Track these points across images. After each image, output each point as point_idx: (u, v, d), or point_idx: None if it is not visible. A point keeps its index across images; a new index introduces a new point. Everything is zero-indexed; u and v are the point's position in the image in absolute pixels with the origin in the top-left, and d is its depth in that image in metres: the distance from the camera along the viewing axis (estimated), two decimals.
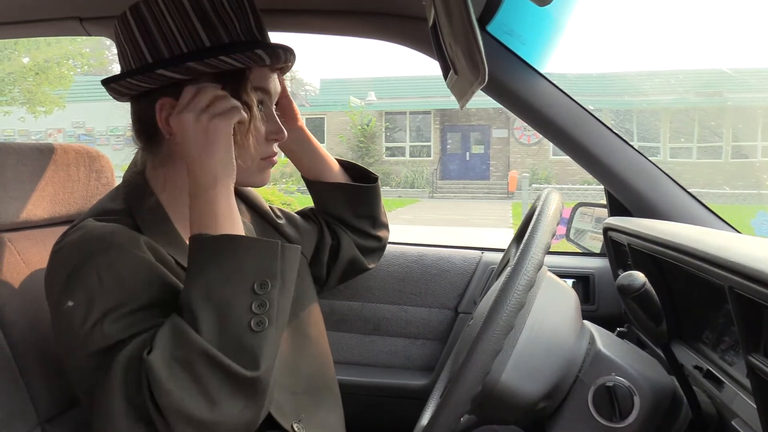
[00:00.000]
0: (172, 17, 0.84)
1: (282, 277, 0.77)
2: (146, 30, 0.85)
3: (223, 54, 0.83)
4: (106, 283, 0.77)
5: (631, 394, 0.85)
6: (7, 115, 15.55)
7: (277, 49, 0.87)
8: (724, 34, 40.02)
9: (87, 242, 0.81)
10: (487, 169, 21.14)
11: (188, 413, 0.70)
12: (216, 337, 0.72)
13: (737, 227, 1.29)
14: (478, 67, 0.71)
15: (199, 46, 0.84)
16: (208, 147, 0.81)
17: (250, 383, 0.73)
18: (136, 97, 0.89)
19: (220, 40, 0.85)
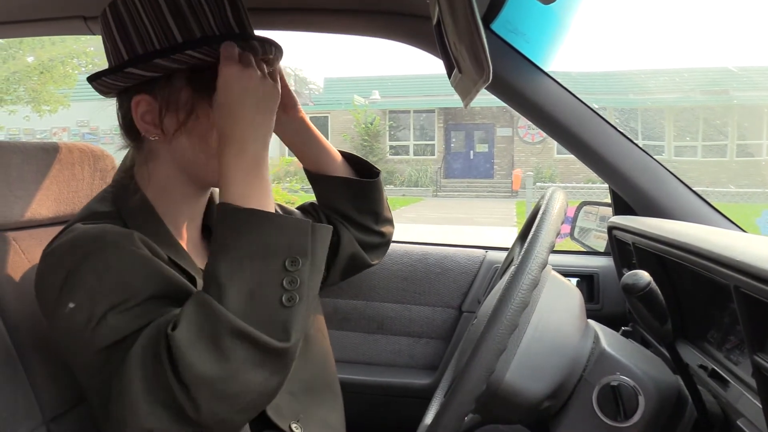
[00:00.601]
0: (147, 14, 0.83)
1: (312, 255, 0.77)
2: (123, 28, 0.84)
3: (191, 48, 0.81)
4: (106, 282, 0.77)
5: (636, 393, 0.84)
6: (12, 114, 15.58)
7: (251, 41, 0.85)
8: (729, 32, 39.89)
9: (81, 244, 0.80)
10: (491, 167, 21.12)
11: (210, 383, 0.70)
12: (244, 311, 0.72)
13: (742, 226, 1.29)
14: (483, 65, 0.71)
15: (171, 43, 0.83)
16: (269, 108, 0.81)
17: (279, 354, 0.73)
18: (118, 94, 0.89)
19: (192, 36, 0.83)
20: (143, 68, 0.82)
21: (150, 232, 0.86)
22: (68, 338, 0.80)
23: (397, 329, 1.64)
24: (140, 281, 0.78)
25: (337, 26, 1.38)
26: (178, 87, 0.85)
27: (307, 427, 0.99)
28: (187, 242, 0.95)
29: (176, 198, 0.92)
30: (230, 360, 0.71)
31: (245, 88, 0.80)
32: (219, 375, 0.70)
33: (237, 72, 0.80)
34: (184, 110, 0.85)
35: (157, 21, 0.83)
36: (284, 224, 0.76)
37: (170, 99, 0.85)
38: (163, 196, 0.91)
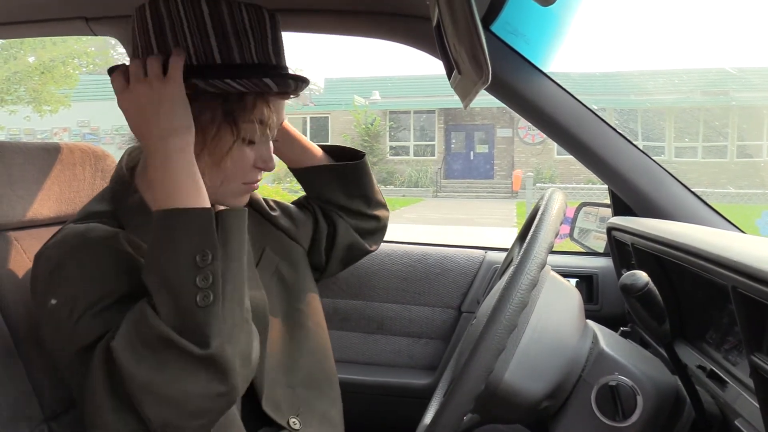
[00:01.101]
0: (189, 25, 0.81)
1: (224, 247, 0.75)
2: (161, 30, 0.82)
3: (230, 77, 0.80)
4: (85, 277, 0.77)
5: (634, 393, 0.85)
6: (13, 114, 15.58)
7: (287, 79, 0.85)
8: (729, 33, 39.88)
9: (66, 241, 0.81)
10: (491, 168, 21.11)
11: (153, 391, 0.71)
12: (172, 317, 0.72)
13: (742, 227, 1.29)
14: (482, 67, 0.72)
15: (209, 62, 0.81)
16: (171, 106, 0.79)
17: (205, 360, 0.71)
18: None
19: (231, 59, 0.82)
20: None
21: (145, 231, 0.85)
22: (51, 335, 0.81)
23: (396, 329, 1.64)
24: (117, 280, 0.78)
25: (337, 27, 1.38)
26: (206, 106, 0.83)
27: (307, 421, 0.99)
28: None
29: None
30: (167, 367, 0.71)
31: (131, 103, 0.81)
32: (158, 382, 0.71)
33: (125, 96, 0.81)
34: (209, 130, 0.84)
35: (198, 35, 0.81)
36: (187, 218, 0.74)
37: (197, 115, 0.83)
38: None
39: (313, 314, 1.10)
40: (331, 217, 1.17)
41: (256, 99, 0.84)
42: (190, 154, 0.80)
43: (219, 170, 0.86)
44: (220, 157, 0.85)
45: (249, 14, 0.83)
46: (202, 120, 0.83)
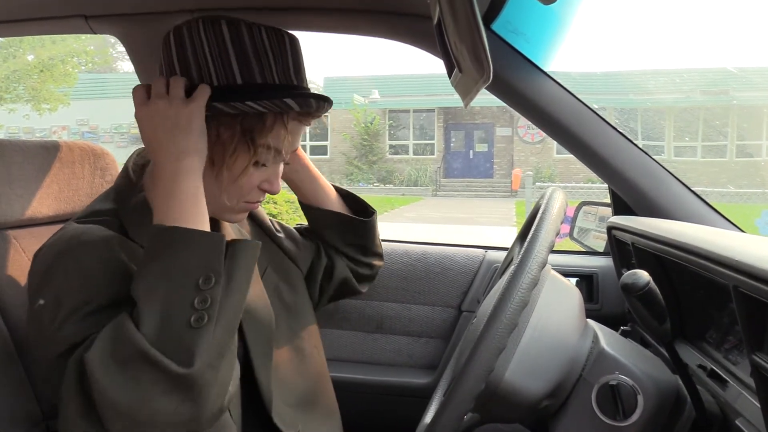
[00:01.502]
0: (209, 46, 0.83)
1: (228, 274, 0.75)
2: (183, 53, 0.84)
3: (251, 99, 0.81)
4: (72, 280, 0.77)
5: (635, 392, 0.85)
6: (12, 112, 15.57)
7: (308, 99, 0.85)
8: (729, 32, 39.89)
9: (59, 243, 0.81)
10: (490, 167, 21.12)
11: (121, 410, 0.70)
12: (156, 333, 0.71)
13: (741, 227, 1.29)
14: (483, 65, 0.71)
15: (230, 82, 0.83)
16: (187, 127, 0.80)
17: (183, 380, 0.70)
18: None
19: (252, 80, 0.83)
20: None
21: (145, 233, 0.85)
22: (36, 335, 0.80)
23: (396, 328, 1.64)
24: (104, 282, 0.77)
25: (337, 26, 1.38)
26: (225, 125, 0.84)
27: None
28: None
29: None
30: (139, 385, 0.70)
31: (149, 117, 0.81)
32: (128, 400, 0.69)
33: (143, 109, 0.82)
34: (228, 147, 0.85)
35: (219, 57, 0.83)
36: (197, 241, 0.74)
37: (213, 133, 0.84)
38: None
39: (311, 336, 1.10)
40: (330, 253, 1.19)
41: (276, 119, 0.85)
42: (198, 177, 0.81)
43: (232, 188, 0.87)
44: (236, 175, 0.86)
45: (269, 36, 0.85)
46: (222, 138, 0.84)
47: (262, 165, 0.88)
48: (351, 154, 21.38)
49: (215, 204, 0.88)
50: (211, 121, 0.83)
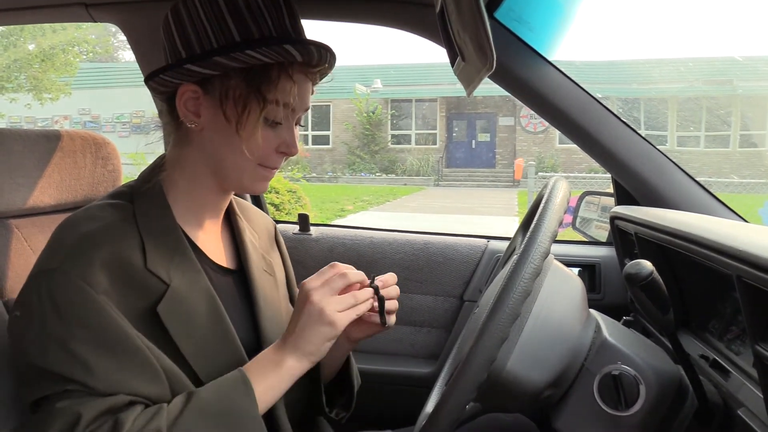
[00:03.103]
0: (206, 14, 0.85)
1: None
2: (182, 28, 0.86)
3: (250, 48, 0.82)
4: (44, 309, 0.77)
5: (637, 382, 0.84)
6: (14, 101, 15.57)
7: (309, 46, 0.85)
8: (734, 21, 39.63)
9: (47, 253, 0.82)
10: (493, 157, 21.09)
11: None
12: None
13: (745, 216, 1.29)
14: (486, 53, 0.71)
15: (229, 41, 0.84)
16: (321, 326, 0.84)
17: None
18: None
19: (250, 35, 0.84)
20: (202, 65, 0.83)
21: (152, 221, 0.86)
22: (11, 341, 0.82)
23: (398, 318, 1.63)
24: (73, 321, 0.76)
25: (339, 14, 1.37)
26: (233, 84, 0.85)
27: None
28: (205, 229, 0.94)
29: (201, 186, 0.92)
30: None
31: (315, 311, 0.84)
32: None
33: (316, 294, 0.84)
34: (238, 103, 0.85)
35: (216, 21, 0.84)
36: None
37: (223, 94, 0.85)
38: (185, 181, 0.91)
39: None
40: None
41: (280, 71, 0.85)
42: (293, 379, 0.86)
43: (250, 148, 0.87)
44: (251, 131, 0.86)
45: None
46: (231, 95, 0.85)
47: (277, 123, 0.88)
48: (353, 143, 21.35)
49: (239, 169, 0.89)
50: (218, 81, 0.85)
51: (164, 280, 0.83)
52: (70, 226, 0.84)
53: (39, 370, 0.76)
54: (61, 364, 0.75)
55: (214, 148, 0.89)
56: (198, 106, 0.87)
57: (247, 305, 0.97)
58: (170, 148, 0.94)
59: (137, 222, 0.85)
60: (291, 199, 8.29)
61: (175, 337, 0.82)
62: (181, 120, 0.88)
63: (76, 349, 0.75)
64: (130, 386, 0.77)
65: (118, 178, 1.24)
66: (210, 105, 0.87)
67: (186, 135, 0.90)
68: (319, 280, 0.85)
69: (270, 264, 1.05)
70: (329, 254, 1.70)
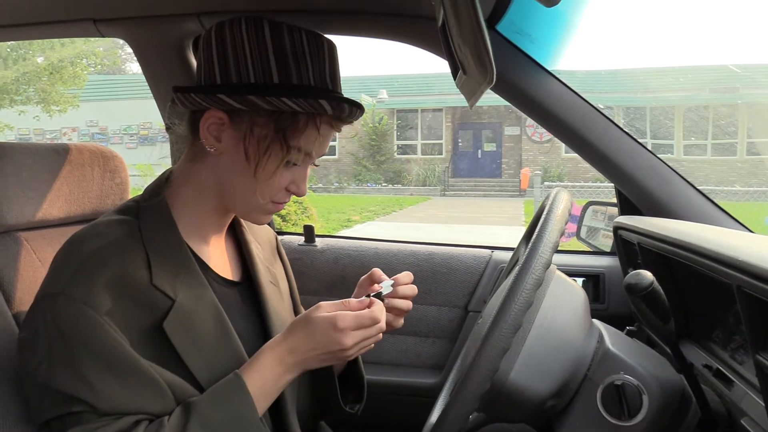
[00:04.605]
0: (250, 46, 0.84)
1: None
2: (223, 51, 0.86)
3: (287, 96, 0.82)
4: (49, 331, 0.78)
5: (640, 392, 0.85)
6: (23, 114, 15.69)
7: (342, 103, 0.86)
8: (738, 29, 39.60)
9: (52, 274, 0.83)
10: (498, 166, 21.07)
11: None
12: None
13: (751, 226, 1.29)
14: (486, 67, 0.72)
15: (267, 80, 0.84)
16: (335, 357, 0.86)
17: None
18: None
19: (288, 80, 0.85)
20: (235, 99, 0.83)
21: (157, 236, 0.87)
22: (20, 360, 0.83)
23: (403, 329, 1.63)
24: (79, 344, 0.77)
25: (343, 28, 1.38)
26: (261, 123, 0.85)
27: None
28: (210, 243, 0.95)
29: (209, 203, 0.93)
30: None
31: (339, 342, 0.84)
32: None
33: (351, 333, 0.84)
34: (262, 144, 0.86)
35: (258, 57, 0.84)
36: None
37: (249, 131, 0.86)
38: (194, 196, 0.92)
39: None
40: None
41: (308, 120, 0.86)
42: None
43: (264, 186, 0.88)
44: (269, 175, 0.87)
45: (308, 40, 0.87)
46: (256, 134, 0.86)
47: (293, 164, 0.89)
48: (359, 154, 21.39)
49: (247, 203, 0.90)
50: (246, 116, 0.85)
51: (170, 295, 0.83)
52: (76, 244, 0.85)
53: (46, 390, 0.77)
54: (67, 385, 0.76)
55: (227, 176, 0.89)
56: (221, 132, 0.87)
57: (255, 317, 0.97)
58: (181, 162, 0.94)
59: (142, 238, 0.85)
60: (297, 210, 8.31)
61: (181, 352, 0.82)
62: (197, 138, 0.89)
63: (82, 371, 0.76)
64: (135, 405, 0.78)
65: (125, 191, 1.25)
66: (233, 136, 0.87)
67: (201, 152, 0.91)
68: (355, 323, 0.85)
69: (274, 275, 1.06)
70: (334, 265, 1.71)
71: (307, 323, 0.85)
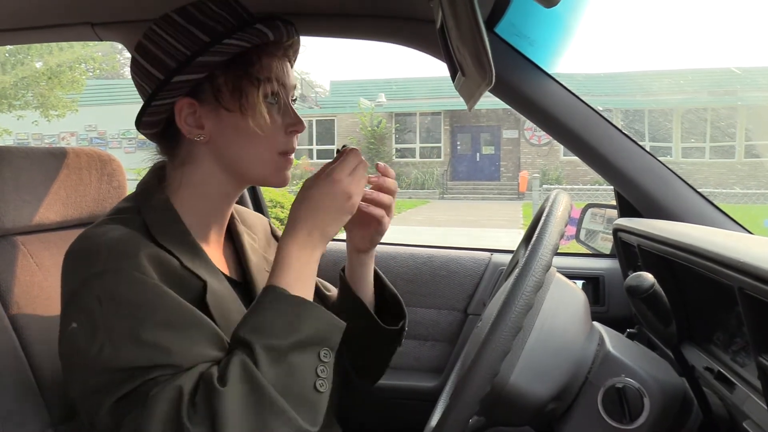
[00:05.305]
0: (168, 33, 0.87)
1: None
2: (152, 56, 0.88)
3: (226, 37, 0.85)
4: (107, 308, 0.77)
5: (641, 395, 0.84)
6: (21, 119, 15.68)
7: (276, 22, 0.89)
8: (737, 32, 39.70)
9: (84, 262, 0.81)
10: (497, 169, 21.09)
11: None
12: (283, 390, 0.75)
13: (750, 228, 1.28)
14: (485, 69, 0.72)
15: (200, 45, 0.86)
16: (343, 208, 0.86)
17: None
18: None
19: (215, 33, 0.87)
20: (189, 71, 0.85)
21: (167, 231, 0.87)
22: (68, 356, 0.81)
23: None
24: (142, 310, 0.77)
25: (342, 31, 1.38)
26: (222, 81, 0.87)
27: None
28: (210, 244, 0.95)
29: (212, 199, 0.93)
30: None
31: (340, 193, 0.85)
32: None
33: (344, 179, 0.85)
34: (234, 94, 0.87)
35: (179, 34, 0.87)
36: (327, 319, 0.81)
37: (217, 93, 0.87)
38: (195, 198, 0.92)
39: None
40: None
41: (259, 53, 0.88)
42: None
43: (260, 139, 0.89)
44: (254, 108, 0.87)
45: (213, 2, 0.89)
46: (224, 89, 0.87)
47: (275, 97, 0.90)
48: None
49: (260, 163, 0.91)
50: (207, 85, 0.87)
51: (201, 277, 0.85)
52: (94, 236, 0.83)
53: (115, 371, 0.75)
54: (138, 358, 0.75)
55: (227, 151, 0.90)
56: (198, 118, 0.89)
57: None
58: (170, 170, 0.94)
59: (151, 233, 0.86)
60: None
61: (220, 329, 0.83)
62: (179, 141, 0.90)
63: (150, 338, 0.75)
64: (208, 355, 0.78)
65: (123, 195, 1.25)
66: (209, 111, 0.88)
67: (189, 153, 0.91)
68: (347, 169, 0.86)
69: (270, 262, 1.06)
70: (333, 267, 1.69)
71: (306, 196, 0.86)
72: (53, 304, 1.06)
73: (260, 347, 0.76)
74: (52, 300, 1.06)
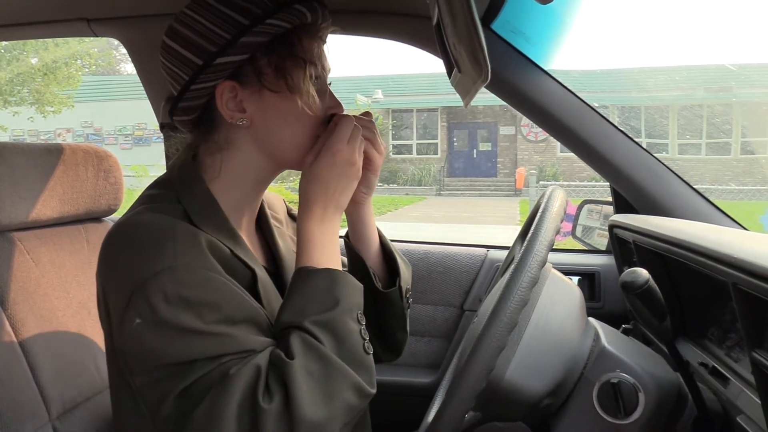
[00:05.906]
0: (204, 17, 0.85)
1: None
2: (187, 40, 0.85)
3: (268, 17, 0.83)
4: (175, 305, 0.76)
5: (636, 390, 0.85)
6: (17, 115, 15.63)
7: (313, 3, 0.88)
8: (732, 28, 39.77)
9: (149, 254, 0.78)
10: (494, 166, 21.10)
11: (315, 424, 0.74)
12: (340, 356, 0.77)
13: (747, 224, 1.29)
14: (481, 65, 0.72)
15: (238, 27, 0.84)
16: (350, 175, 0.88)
17: (368, 399, 0.79)
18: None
19: (253, 15, 0.85)
20: (232, 53, 0.83)
21: (209, 221, 0.86)
22: (132, 352, 0.79)
23: None
24: (210, 305, 0.77)
25: (337, 26, 1.38)
26: (264, 63, 0.86)
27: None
28: (244, 232, 0.94)
29: (248, 186, 0.93)
30: (334, 403, 0.75)
31: (343, 162, 0.87)
32: (321, 418, 0.74)
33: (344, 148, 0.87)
34: (279, 74, 0.86)
35: (216, 17, 0.84)
36: (353, 282, 0.84)
37: (260, 74, 0.86)
38: (232, 185, 0.91)
39: None
40: None
41: (300, 34, 0.87)
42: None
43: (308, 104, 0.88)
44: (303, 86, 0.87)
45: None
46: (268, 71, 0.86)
47: (318, 80, 0.90)
48: None
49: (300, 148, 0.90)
50: (249, 67, 0.86)
51: (250, 266, 0.86)
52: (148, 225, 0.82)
53: (184, 363, 0.75)
54: (208, 349, 0.75)
55: (269, 133, 0.89)
56: (239, 102, 0.87)
57: None
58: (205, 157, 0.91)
59: (193, 222, 0.84)
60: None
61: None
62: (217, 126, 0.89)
63: (218, 330, 0.76)
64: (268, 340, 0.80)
65: (119, 191, 1.25)
66: (251, 93, 0.87)
67: (227, 139, 0.89)
68: (344, 138, 0.88)
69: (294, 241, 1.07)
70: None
71: (313, 173, 0.87)
72: (50, 299, 1.06)
73: (309, 323, 0.78)
74: (49, 296, 1.06)
